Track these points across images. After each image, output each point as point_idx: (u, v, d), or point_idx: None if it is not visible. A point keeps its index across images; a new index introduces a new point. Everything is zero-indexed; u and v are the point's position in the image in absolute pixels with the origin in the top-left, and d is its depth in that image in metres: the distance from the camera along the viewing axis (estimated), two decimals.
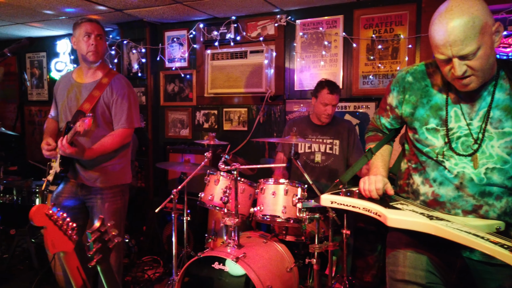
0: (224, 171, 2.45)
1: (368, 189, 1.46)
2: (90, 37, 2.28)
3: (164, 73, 4.14)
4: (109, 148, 2.28)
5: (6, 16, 3.70)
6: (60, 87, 2.43)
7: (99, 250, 1.21)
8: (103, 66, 2.40)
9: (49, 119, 2.52)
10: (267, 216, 2.33)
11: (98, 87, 2.31)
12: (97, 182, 2.31)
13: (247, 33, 3.66)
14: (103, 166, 2.32)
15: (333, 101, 2.82)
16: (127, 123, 2.34)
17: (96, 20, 2.35)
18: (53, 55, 4.61)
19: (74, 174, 2.31)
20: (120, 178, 2.41)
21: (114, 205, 2.37)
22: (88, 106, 2.27)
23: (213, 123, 3.96)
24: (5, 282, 3.19)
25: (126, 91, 2.37)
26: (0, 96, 5.13)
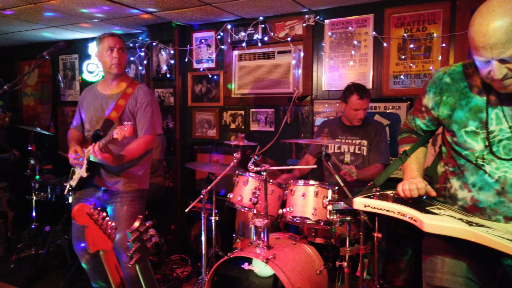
0: (253, 172, 2.45)
1: (408, 188, 1.43)
2: (113, 50, 2.40)
3: (192, 74, 4.19)
4: (136, 154, 2.38)
5: (43, 19, 3.83)
6: (86, 100, 2.56)
7: (137, 250, 1.24)
8: (126, 77, 2.53)
9: (72, 129, 2.64)
10: (297, 218, 2.32)
11: (123, 96, 2.43)
12: (118, 186, 2.40)
13: (274, 34, 3.66)
14: (126, 172, 2.42)
15: (364, 106, 2.83)
16: (150, 130, 2.44)
17: (118, 34, 2.47)
18: (85, 57, 4.75)
19: (98, 179, 2.42)
20: (140, 183, 2.50)
21: (132, 208, 2.44)
22: (115, 115, 2.38)
23: (240, 124, 3.97)
24: (41, 277, 3.31)
25: (149, 100, 2.47)
26: (35, 97, 5.33)
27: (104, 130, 2.32)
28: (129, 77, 2.57)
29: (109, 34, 2.43)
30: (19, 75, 5.36)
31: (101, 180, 2.39)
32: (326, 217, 2.25)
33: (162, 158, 3.63)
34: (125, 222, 2.34)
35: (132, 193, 2.41)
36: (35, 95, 5.32)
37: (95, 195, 2.44)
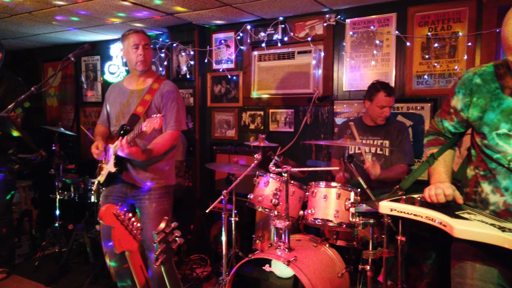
0: (274, 173, 2.44)
1: (435, 193, 1.39)
2: (138, 48, 2.41)
3: (211, 74, 4.21)
4: (161, 150, 2.37)
5: (66, 22, 3.91)
6: (112, 95, 2.58)
7: (163, 251, 1.25)
8: (151, 73, 2.53)
9: (98, 124, 2.67)
10: (319, 220, 2.30)
11: (150, 92, 2.43)
12: (146, 183, 2.41)
13: (294, 34, 3.63)
14: (153, 167, 2.42)
15: (390, 103, 2.79)
16: (176, 125, 2.43)
17: (143, 30, 2.47)
18: (107, 58, 4.82)
19: (126, 174, 2.42)
20: (167, 179, 2.50)
21: (161, 205, 2.44)
22: (141, 110, 2.37)
23: (259, 124, 3.97)
24: (64, 275, 3.38)
25: (175, 95, 2.47)
26: (58, 98, 5.45)
27: (131, 125, 2.33)
28: (155, 73, 2.59)
29: (134, 31, 2.43)
30: (43, 76, 5.49)
31: (129, 175, 2.41)
32: (349, 219, 2.22)
33: (183, 158, 3.65)
34: (154, 220, 2.36)
35: (160, 190, 2.42)
36: (58, 96, 5.44)
37: (123, 191, 2.45)
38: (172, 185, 2.54)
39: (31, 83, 5.72)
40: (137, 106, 2.38)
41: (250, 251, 3.18)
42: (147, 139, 2.36)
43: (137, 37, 2.40)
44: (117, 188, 2.47)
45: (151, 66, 2.53)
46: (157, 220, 2.39)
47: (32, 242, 3.97)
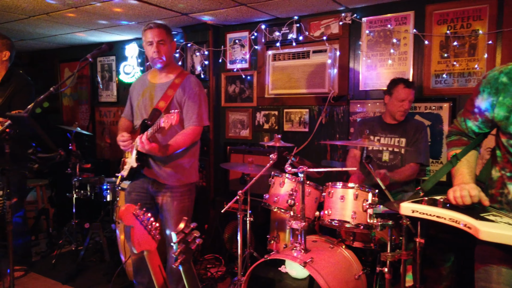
0: (290, 174, 2.42)
1: (460, 195, 1.36)
2: (152, 44, 2.38)
3: (225, 74, 4.20)
4: (182, 145, 2.36)
5: (82, 23, 3.95)
6: (136, 88, 2.57)
7: (182, 251, 1.24)
8: (174, 67, 2.50)
9: (122, 118, 2.67)
10: (335, 221, 2.27)
11: (172, 86, 2.41)
12: (168, 180, 2.40)
13: (309, 33, 3.61)
14: (175, 164, 2.41)
15: (410, 96, 2.79)
16: (197, 121, 2.41)
17: (159, 25, 2.39)
18: (122, 58, 4.86)
19: (148, 170, 2.42)
20: (189, 176, 2.49)
21: (182, 203, 2.44)
22: (163, 104, 2.36)
23: (273, 124, 3.95)
24: (81, 273, 3.42)
25: (197, 90, 2.44)
26: (74, 98, 5.52)
27: (152, 119, 2.31)
28: (178, 67, 2.56)
29: (148, 27, 2.38)
30: (59, 76, 5.57)
31: (151, 171, 2.41)
32: (366, 221, 2.19)
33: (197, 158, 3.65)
34: (175, 217, 2.37)
35: (181, 188, 2.42)
36: (74, 96, 5.51)
37: (145, 187, 2.45)
38: (194, 183, 2.53)
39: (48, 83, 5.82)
40: (159, 101, 2.37)
41: (265, 252, 3.17)
42: (169, 135, 2.35)
43: (151, 33, 2.36)
44: (139, 184, 2.48)
45: (172, 61, 2.48)
46: (178, 218, 2.39)
47: (49, 240, 4.03)
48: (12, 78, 3.08)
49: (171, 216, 2.40)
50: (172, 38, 2.47)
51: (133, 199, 2.48)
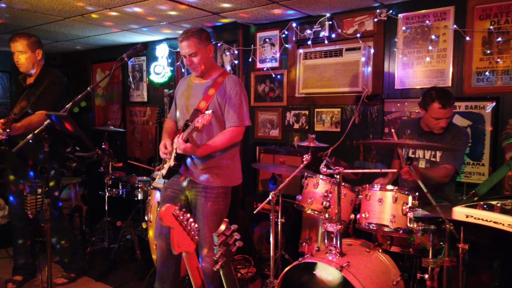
0: (325, 175, 2.35)
1: None
2: (186, 58, 2.40)
3: (255, 73, 4.17)
4: (221, 146, 2.34)
5: (115, 24, 4.01)
6: (180, 89, 2.61)
7: (223, 254, 1.21)
8: (215, 68, 2.51)
9: (168, 118, 2.71)
10: (373, 225, 2.19)
11: (213, 86, 2.41)
12: (204, 181, 2.39)
13: (342, 30, 3.52)
14: (212, 165, 2.40)
15: (446, 115, 2.53)
16: (238, 121, 2.38)
17: (189, 36, 2.33)
18: (152, 59, 4.92)
19: (185, 169, 2.44)
20: (225, 179, 2.45)
21: (216, 205, 2.42)
22: (204, 105, 2.36)
23: (303, 124, 3.88)
24: (113, 270, 3.46)
25: (238, 90, 2.41)
26: (105, 98, 5.63)
27: (193, 120, 2.28)
28: (219, 67, 2.57)
29: (180, 40, 2.37)
30: (92, 77, 5.69)
31: (188, 170, 2.42)
32: (406, 225, 2.10)
33: None
34: (207, 219, 2.36)
35: (216, 189, 2.40)
36: (106, 96, 5.62)
37: (181, 185, 2.47)
38: (230, 186, 2.49)
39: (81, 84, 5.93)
40: (200, 101, 2.37)
41: (296, 254, 3.12)
42: (208, 135, 2.36)
43: (182, 47, 2.37)
44: (176, 181, 2.50)
45: (211, 64, 2.46)
46: (210, 219, 2.38)
47: (82, 237, 4.11)
48: (44, 77, 3.05)
49: (203, 216, 2.38)
50: (207, 42, 2.41)
51: (168, 196, 2.50)
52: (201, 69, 2.39)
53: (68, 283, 3.20)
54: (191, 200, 2.45)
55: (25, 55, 2.97)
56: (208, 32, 2.47)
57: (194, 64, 2.37)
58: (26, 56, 2.97)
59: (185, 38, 2.34)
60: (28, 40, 2.97)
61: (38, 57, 3.05)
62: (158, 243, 2.47)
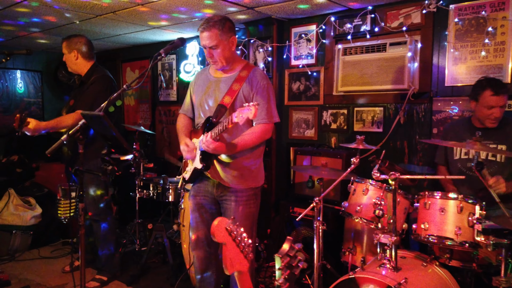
0: (378, 180, 2.15)
1: None
2: (206, 49, 2.21)
3: (289, 71, 3.98)
4: (251, 144, 2.18)
5: (146, 20, 3.91)
6: (197, 83, 2.40)
7: (287, 278, 1.04)
8: (238, 60, 2.32)
9: (181, 115, 2.50)
10: (434, 237, 1.97)
11: (238, 80, 2.22)
12: (233, 183, 2.23)
13: (386, 24, 3.28)
14: (240, 165, 2.23)
15: (500, 102, 2.36)
16: (267, 118, 2.21)
17: (210, 26, 2.14)
18: (183, 57, 4.80)
19: (212, 172, 2.25)
20: (255, 179, 2.31)
21: (248, 208, 2.26)
22: (229, 100, 2.18)
23: (341, 124, 3.67)
24: (144, 274, 3.36)
25: (265, 84, 2.24)
26: (135, 97, 5.57)
27: (217, 117, 2.14)
28: (242, 59, 2.37)
29: (201, 30, 2.17)
30: (122, 75, 5.64)
31: (216, 173, 2.24)
32: (473, 238, 1.87)
33: None
34: (241, 223, 2.19)
35: (246, 191, 2.25)
36: (135, 95, 5.56)
37: (209, 190, 2.31)
38: (260, 186, 2.35)
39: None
40: (224, 96, 2.19)
41: (337, 263, 2.92)
42: (234, 133, 2.18)
43: (202, 38, 2.19)
44: (203, 187, 2.33)
45: (232, 57, 2.27)
46: (243, 224, 2.21)
47: None
48: (90, 76, 3.11)
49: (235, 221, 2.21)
50: (230, 34, 2.21)
51: (199, 203, 2.35)
52: (221, 63, 2.22)
53: (100, 287, 3.11)
54: (221, 205, 2.31)
55: (65, 57, 3.12)
56: (232, 21, 2.27)
57: (214, 58, 2.19)
58: (65, 58, 3.12)
59: (206, 29, 2.15)
60: (66, 42, 3.11)
61: (74, 58, 3.12)
62: (196, 253, 2.34)
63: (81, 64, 3.15)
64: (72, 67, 3.16)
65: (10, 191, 3.97)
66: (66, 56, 3.12)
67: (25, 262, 3.65)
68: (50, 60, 5.68)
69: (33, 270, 3.47)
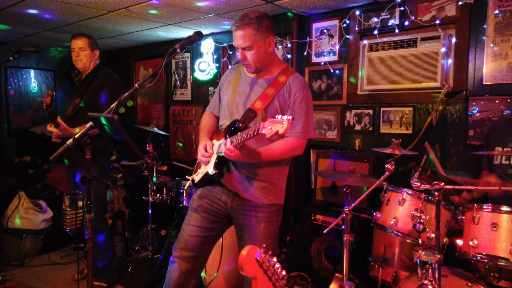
0: (419, 190, 1.92)
1: None
2: (238, 49, 1.98)
3: (309, 69, 3.77)
4: (277, 156, 1.94)
5: (160, 17, 3.75)
6: (228, 79, 2.17)
7: None
8: (276, 62, 2.06)
9: (207, 112, 2.27)
10: (483, 256, 1.73)
11: (274, 84, 1.97)
12: (254, 196, 2.00)
13: (417, 17, 3.04)
14: (263, 177, 2.00)
15: None
16: (302, 131, 1.95)
17: (244, 25, 1.90)
18: (197, 55, 4.63)
19: (229, 180, 2.02)
20: (279, 194, 2.07)
21: (270, 226, 2.03)
22: (260, 105, 1.94)
23: (366, 125, 3.43)
24: (158, 284, 3.18)
25: (306, 94, 1.98)
26: (148, 97, 5.42)
27: (245, 121, 1.89)
28: (281, 61, 2.10)
29: (234, 28, 1.94)
30: (135, 74, 5.50)
31: (233, 182, 2.01)
32: None
33: None
34: (261, 243, 1.98)
35: (269, 207, 2.01)
36: (149, 95, 5.41)
37: (223, 199, 2.05)
38: (282, 204, 2.11)
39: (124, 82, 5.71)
40: (255, 100, 1.94)
41: (364, 276, 2.70)
42: (261, 141, 1.94)
43: (235, 37, 1.95)
44: (216, 192, 2.07)
45: (269, 60, 2.01)
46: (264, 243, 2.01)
47: (124, 244, 3.88)
48: (96, 74, 3.10)
49: (255, 240, 1.99)
50: (267, 33, 1.95)
51: (203, 207, 2.07)
52: (255, 66, 1.97)
53: None
54: (236, 219, 2.06)
55: (85, 52, 3.11)
56: (271, 18, 2.01)
57: (247, 60, 1.95)
58: (85, 53, 3.11)
59: (239, 27, 1.91)
60: (89, 40, 3.15)
61: (95, 56, 3.18)
62: (179, 262, 2.05)
63: (94, 63, 3.20)
64: (87, 64, 3.14)
65: (20, 193, 3.85)
66: (86, 53, 3.11)
67: (35, 268, 3.51)
68: (63, 58, 5.58)
69: (42, 277, 3.33)
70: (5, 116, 5.17)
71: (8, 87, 5.22)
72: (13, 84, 5.25)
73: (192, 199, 2.16)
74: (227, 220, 2.11)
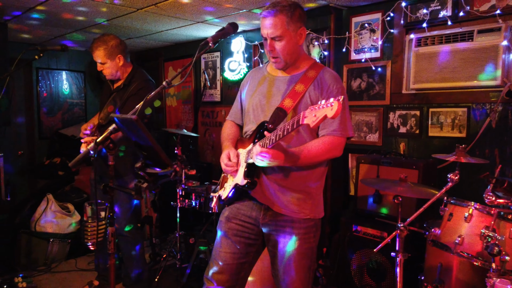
0: (492, 205, 1.63)
1: None
2: (266, 40, 1.75)
3: (348, 66, 3.50)
4: (315, 157, 1.71)
5: (189, 14, 3.58)
6: (250, 83, 1.97)
7: None
8: (303, 57, 1.86)
9: (228, 121, 2.09)
10: None
11: (303, 80, 1.77)
12: (288, 209, 1.77)
13: (472, 7, 2.72)
14: (298, 187, 1.77)
15: None
16: (340, 130, 1.73)
17: (276, 11, 1.71)
18: (227, 54, 4.45)
19: (260, 193, 1.78)
20: (315, 208, 1.83)
21: (307, 244, 1.80)
22: (290, 103, 1.74)
23: (412, 127, 3.13)
24: None
25: (340, 88, 1.78)
26: (177, 98, 5.29)
27: (274, 122, 1.70)
28: (309, 57, 1.91)
29: (264, 14, 1.74)
30: (164, 75, 5.39)
31: (264, 193, 1.78)
32: None
33: None
34: (297, 263, 1.75)
35: (306, 222, 1.77)
36: (178, 96, 5.29)
37: (253, 215, 1.82)
38: (320, 218, 1.87)
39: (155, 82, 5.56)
40: (284, 98, 1.75)
41: None
42: (293, 143, 1.74)
43: (263, 26, 1.74)
44: (244, 209, 1.84)
45: (298, 55, 1.82)
46: (299, 264, 1.76)
47: (152, 251, 3.73)
48: (132, 81, 2.83)
49: (290, 261, 1.78)
50: (300, 24, 1.76)
51: (233, 229, 1.85)
52: (284, 60, 1.77)
53: None
54: (268, 236, 1.83)
55: (106, 65, 2.81)
56: (303, 8, 1.80)
57: (276, 52, 1.74)
58: (107, 66, 2.81)
59: (271, 13, 1.72)
60: (105, 50, 2.76)
61: (120, 63, 2.84)
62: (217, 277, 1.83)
63: (124, 69, 2.89)
64: (114, 73, 2.85)
65: (48, 196, 3.79)
66: (107, 65, 2.80)
67: (61, 274, 3.42)
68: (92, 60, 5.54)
69: (68, 283, 3.23)
70: (36, 118, 5.17)
71: (41, 89, 5.22)
72: (44, 86, 5.25)
73: (220, 221, 1.94)
74: (260, 241, 1.88)
